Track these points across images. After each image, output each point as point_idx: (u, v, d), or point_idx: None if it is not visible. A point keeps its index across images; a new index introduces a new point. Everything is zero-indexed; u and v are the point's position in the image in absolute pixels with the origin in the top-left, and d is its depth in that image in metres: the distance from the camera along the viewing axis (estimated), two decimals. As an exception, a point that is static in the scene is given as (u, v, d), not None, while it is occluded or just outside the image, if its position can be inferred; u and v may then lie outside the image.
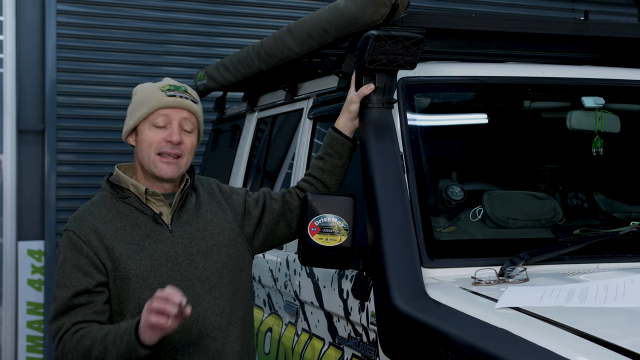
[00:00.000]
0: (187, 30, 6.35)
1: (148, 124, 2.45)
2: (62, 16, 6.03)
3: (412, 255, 2.52)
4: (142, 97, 2.48)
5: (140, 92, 2.51)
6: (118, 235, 2.40)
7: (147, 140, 2.45)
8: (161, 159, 2.45)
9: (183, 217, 2.50)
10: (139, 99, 2.49)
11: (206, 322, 2.44)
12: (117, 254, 2.37)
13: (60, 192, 6.03)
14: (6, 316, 5.99)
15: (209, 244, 2.50)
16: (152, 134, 2.45)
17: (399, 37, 2.61)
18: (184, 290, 2.39)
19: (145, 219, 2.44)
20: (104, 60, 6.15)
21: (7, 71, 5.96)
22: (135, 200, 2.46)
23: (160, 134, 2.45)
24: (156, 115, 2.45)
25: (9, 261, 5.97)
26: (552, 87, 3.16)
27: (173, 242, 2.44)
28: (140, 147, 2.47)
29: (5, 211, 5.96)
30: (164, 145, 2.44)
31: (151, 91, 2.48)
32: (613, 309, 2.14)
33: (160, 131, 2.45)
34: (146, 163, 2.46)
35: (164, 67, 6.28)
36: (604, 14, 7.34)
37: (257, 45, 3.95)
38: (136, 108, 2.48)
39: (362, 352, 2.73)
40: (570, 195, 3.06)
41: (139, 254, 2.39)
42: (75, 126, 6.10)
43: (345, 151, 2.76)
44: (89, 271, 2.35)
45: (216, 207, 2.60)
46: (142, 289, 2.37)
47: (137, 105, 2.49)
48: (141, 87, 2.54)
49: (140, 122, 2.47)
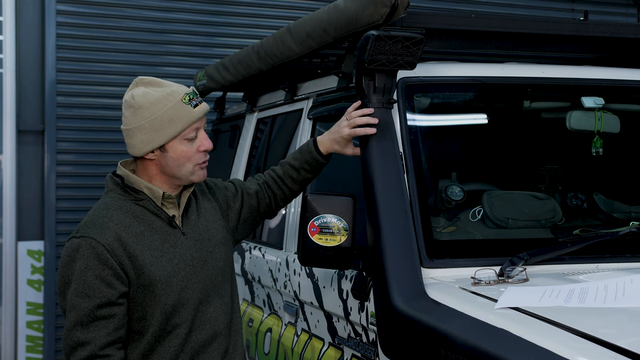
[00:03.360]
0: (187, 30, 6.35)
1: (180, 139, 2.41)
2: (62, 16, 6.03)
3: (412, 256, 2.52)
4: (169, 114, 2.38)
5: (154, 106, 2.38)
6: (139, 242, 2.37)
7: (183, 156, 2.41)
8: (199, 167, 2.46)
9: (191, 219, 2.50)
10: (164, 116, 2.37)
11: (218, 322, 2.48)
12: (141, 261, 2.35)
13: (60, 192, 6.03)
14: (6, 316, 5.99)
15: (212, 244, 2.52)
16: (187, 149, 2.41)
17: (398, 37, 2.61)
18: (201, 292, 2.45)
19: (161, 223, 2.43)
20: (104, 60, 6.15)
21: (6, 71, 5.96)
22: (149, 204, 2.42)
23: (194, 146, 2.43)
24: (189, 131, 2.41)
25: (9, 261, 5.97)
26: (552, 87, 3.16)
27: (187, 245, 2.45)
28: (172, 162, 2.41)
29: (5, 211, 5.96)
30: (201, 156, 2.45)
31: (175, 106, 2.39)
32: (613, 309, 2.14)
33: (192, 143, 2.43)
34: (180, 174, 2.43)
35: (164, 67, 6.28)
36: (604, 14, 7.34)
37: (257, 45, 3.95)
38: (162, 126, 2.37)
39: (361, 352, 2.73)
40: (570, 195, 3.06)
41: (160, 259, 2.38)
42: (75, 126, 6.10)
43: (320, 169, 2.80)
44: (112, 282, 2.31)
45: (209, 204, 2.61)
46: (167, 294, 2.37)
47: (163, 122, 2.37)
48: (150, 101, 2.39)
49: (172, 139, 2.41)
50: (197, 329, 2.43)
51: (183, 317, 2.40)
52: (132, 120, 2.40)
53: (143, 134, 2.38)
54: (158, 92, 2.40)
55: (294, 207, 3.46)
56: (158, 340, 2.38)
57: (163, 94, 2.39)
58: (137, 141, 2.40)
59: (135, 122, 2.39)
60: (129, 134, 2.42)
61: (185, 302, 2.41)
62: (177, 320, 2.39)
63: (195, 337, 2.43)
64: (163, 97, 2.39)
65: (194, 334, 2.42)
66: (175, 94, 2.40)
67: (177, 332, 2.40)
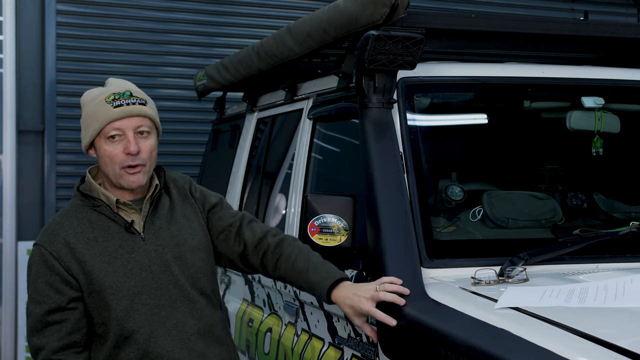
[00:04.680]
0: (187, 30, 6.35)
1: (103, 138, 2.40)
2: (62, 16, 6.03)
3: (412, 256, 2.52)
4: (91, 111, 2.41)
5: (88, 104, 2.43)
6: (90, 248, 2.39)
7: (107, 156, 2.41)
8: (127, 171, 2.41)
9: (156, 224, 2.48)
10: (87, 113, 2.42)
11: (186, 326, 2.44)
12: (90, 267, 2.37)
13: (60, 193, 6.03)
14: (6, 316, 5.99)
15: (182, 249, 2.49)
16: (111, 149, 2.40)
17: (398, 37, 2.61)
18: (160, 297, 2.42)
19: (117, 228, 2.43)
20: (104, 60, 6.15)
21: (6, 71, 5.96)
22: (106, 209, 2.43)
23: (118, 147, 2.39)
24: (108, 130, 2.39)
25: (9, 261, 5.97)
26: (552, 87, 3.16)
27: (146, 250, 2.43)
28: (102, 161, 2.43)
29: (5, 211, 5.97)
30: (126, 159, 2.39)
31: (97, 104, 2.40)
32: (613, 309, 2.14)
33: (117, 144, 2.40)
34: (112, 176, 2.43)
35: (164, 67, 6.28)
36: (604, 14, 7.34)
37: (257, 45, 3.95)
38: (87, 124, 2.42)
39: (361, 352, 2.73)
40: (570, 195, 3.06)
41: (111, 265, 2.38)
42: (75, 126, 6.05)
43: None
44: (61, 288, 2.35)
45: (190, 209, 2.58)
46: (117, 299, 2.37)
47: (87, 120, 2.42)
48: (87, 99, 2.46)
49: (95, 138, 2.42)
50: (160, 334, 2.40)
51: (138, 323, 2.39)
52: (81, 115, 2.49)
53: (82, 129, 2.47)
54: (98, 90, 2.46)
55: (294, 207, 3.46)
56: (118, 345, 2.39)
57: (98, 93, 2.44)
58: (81, 136, 2.48)
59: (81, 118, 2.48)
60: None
61: (139, 307, 2.39)
62: (132, 326, 2.38)
63: (160, 343, 2.40)
64: (95, 96, 2.44)
65: (157, 340, 2.39)
66: (105, 93, 2.43)
67: (135, 337, 2.38)
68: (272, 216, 3.83)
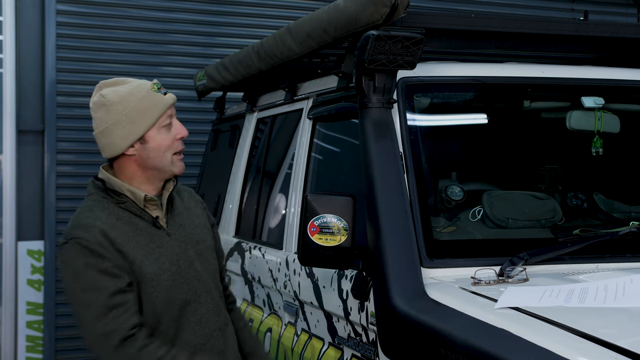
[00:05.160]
0: (187, 30, 6.35)
1: (157, 128, 2.41)
2: (62, 16, 6.02)
3: (412, 256, 2.52)
4: (140, 104, 2.39)
5: (129, 100, 2.40)
6: (125, 240, 2.37)
7: (162, 145, 2.42)
8: (178, 157, 2.46)
9: (176, 220, 2.51)
10: (138, 107, 2.39)
11: (210, 322, 2.47)
12: (131, 257, 2.35)
13: (60, 192, 6.03)
14: (6, 316, 5.99)
15: (202, 247, 2.53)
16: (164, 137, 2.42)
17: (398, 37, 2.61)
18: (188, 292, 2.43)
19: (145, 224, 2.43)
20: (104, 60, 6.15)
21: (6, 71, 5.96)
22: (132, 206, 2.43)
23: (170, 134, 2.44)
24: (164, 118, 2.43)
25: (9, 261, 5.97)
26: (552, 87, 3.16)
27: (172, 245, 2.45)
28: (153, 154, 2.42)
29: (5, 211, 5.96)
30: (178, 144, 2.46)
31: (146, 96, 2.41)
32: (613, 309, 2.14)
33: (169, 131, 2.44)
34: (162, 166, 2.43)
35: (164, 67, 6.28)
36: (604, 14, 7.34)
37: (257, 45, 3.95)
38: (138, 117, 2.39)
39: (361, 352, 2.73)
40: (570, 195, 3.06)
41: (147, 258, 2.39)
42: (75, 126, 6.09)
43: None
44: (115, 272, 2.31)
45: (200, 212, 2.63)
46: (157, 291, 2.38)
47: (138, 113, 2.39)
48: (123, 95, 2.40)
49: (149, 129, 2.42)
50: (186, 329, 2.42)
51: (171, 316, 2.40)
52: (107, 117, 2.40)
53: (121, 129, 2.39)
54: (125, 87, 2.43)
55: (294, 207, 3.46)
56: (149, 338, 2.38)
57: (131, 88, 2.42)
58: (116, 137, 2.39)
59: (110, 119, 2.39)
60: (105, 134, 2.42)
61: (172, 301, 2.40)
62: (165, 319, 2.39)
63: (186, 338, 2.41)
64: (133, 90, 2.42)
65: (183, 335, 2.41)
66: (143, 85, 2.44)
67: (164, 331, 2.39)
68: (272, 216, 3.83)
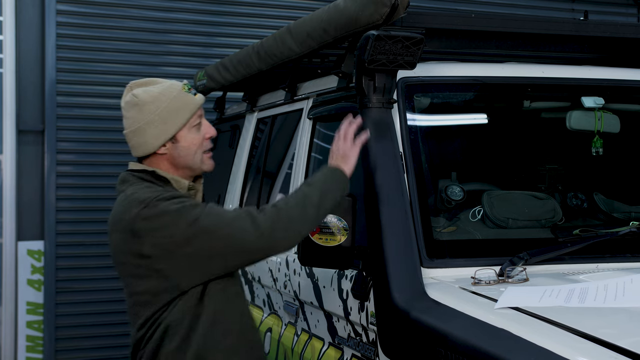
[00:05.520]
0: (187, 30, 6.35)
1: (188, 127, 2.47)
2: (62, 16, 6.02)
3: (412, 255, 2.52)
4: (172, 104, 2.44)
5: (161, 100, 2.44)
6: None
7: (193, 144, 2.48)
8: (206, 155, 2.53)
9: None
10: (168, 106, 2.43)
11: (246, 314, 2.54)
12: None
13: (60, 192, 6.03)
14: (6, 316, 5.99)
15: None
16: (195, 136, 2.49)
17: (398, 37, 2.61)
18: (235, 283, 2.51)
19: None
20: (104, 60, 6.15)
21: (7, 71, 5.96)
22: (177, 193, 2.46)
23: (200, 134, 2.50)
24: (195, 118, 2.49)
25: (9, 261, 5.97)
26: (552, 87, 3.16)
27: None
28: (184, 152, 2.47)
29: (5, 211, 5.96)
30: (207, 143, 2.53)
31: (178, 96, 2.46)
32: (613, 309, 2.14)
33: (198, 131, 2.50)
34: (193, 164, 2.49)
35: (164, 67, 6.28)
36: (604, 14, 7.33)
37: (257, 45, 3.94)
38: (170, 117, 2.43)
39: (361, 352, 2.73)
40: (570, 195, 3.06)
41: None
42: (75, 126, 6.09)
43: None
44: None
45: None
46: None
47: (171, 113, 2.43)
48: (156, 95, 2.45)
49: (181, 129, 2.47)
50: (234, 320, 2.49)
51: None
52: (139, 117, 2.44)
53: (153, 128, 2.43)
54: (157, 87, 2.47)
55: (294, 207, 3.46)
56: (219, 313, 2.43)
57: (163, 88, 2.47)
58: (149, 136, 2.43)
59: (143, 119, 2.43)
60: (137, 133, 2.45)
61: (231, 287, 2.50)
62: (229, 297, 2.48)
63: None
64: (164, 90, 2.46)
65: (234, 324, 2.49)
66: (174, 85, 2.49)
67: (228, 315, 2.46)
68: (272, 216, 3.83)
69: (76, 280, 6.02)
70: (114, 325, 6.07)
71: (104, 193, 6.07)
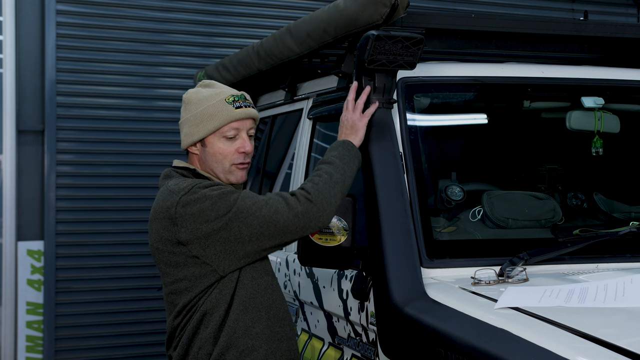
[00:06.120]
0: (186, 30, 6.35)
1: (218, 136, 2.53)
2: (62, 16, 6.02)
3: (412, 256, 2.52)
4: (209, 109, 2.52)
5: (202, 103, 2.54)
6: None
7: (220, 153, 2.54)
8: (237, 167, 2.55)
9: None
10: (204, 111, 2.53)
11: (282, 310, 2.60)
12: None
13: (60, 192, 6.03)
14: (5, 316, 5.99)
15: None
16: (225, 146, 2.54)
17: (398, 37, 2.61)
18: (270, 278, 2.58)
19: None
20: (104, 60, 6.15)
21: (6, 71, 5.96)
22: None
23: (232, 146, 2.54)
24: (227, 129, 2.53)
25: (9, 261, 5.97)
26: (552, 87, 3.16)
27: None
28: (212, 158, 2.55)
29: (4, 211, 5.96)
30: (238, 156, 2.55)
31: (217, 104, 2.53)
32: (613, 309, 2.14)
33: (230, 142, 2.54)
34: (220, 171, 2.55)
35: (164, 67, 6.28)
36: (604, 14, 7.33)
37: (257, 45, 3.94)
38: (203, 121, 2.53)
39: (361, 352, 2.73)
40: (570, 195, 3.06)
41: None
42: (75, 126, 6.09)
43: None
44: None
45: None
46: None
47: (203, 117, 2.53)
48: (198, 98, 2.56)
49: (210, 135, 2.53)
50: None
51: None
52: (183, 114, 2.60)
53: (187, 127, 2.56)
54: (208, 91, 2.57)
55: (294, 207, 3.46)
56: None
57: (211, 93, 2.56)
58: (183, 133, 2.58)
59: (184, 116, 2.59)
60: (180, 126, 2.61)
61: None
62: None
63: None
64: (210, 96, 2.55)
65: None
66: (221, 94, 2.56)
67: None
68: (272, 216, 3.83)
69: (76, 280, 6.02)
70: (114, 325, 6.08)
71: (104, 193, 6.07)
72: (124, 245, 6.06)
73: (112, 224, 6.04)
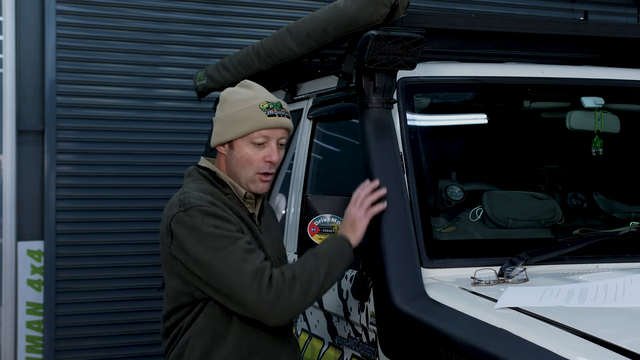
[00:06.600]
0: (186, 31, 6.35)
1: (247, 141, 2.47)
2: (62, 16, 6.02)
3: (412, 256, 2.52)
4: (241, 112, 2.47)
5: (236, 104, 2.49)
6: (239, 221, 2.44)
7: (246, 159, 2.48)
8: (260, 177, 2.49)
9: (265, 221, 2.60)
10: (238, 114, 2.47)
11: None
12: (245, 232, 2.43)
13: (60, 192, 6.03)
14: (6, 316, 5.99)
15: (281, 253, 2.63)
16: (252, 153, 2.47)
17: (398, 37, 2.61)
18: None
19: (245, 216, 2.49)
20: (104, 60, 6.15)
21: (6, 71, 5.96)
22: (234, 198, 2.50)
23: (260, 153, 2.48)
24: (256, 135, 2.47)
25: (9, 261, 5.97)
26: (552, 87, 3.16)
27: (266, 243, 2.52)
28: (238, 162, 2.49)
29: (4, 211, 5.96)
30: (264, 165, 2.48)
31: (250, 108, 2.47)
32: (613, 309, 2.14)
33: (258, 150, 2.48)
34: (242, 177, 2.50)
35: (164, 67, 6.28)
36: (604, 14, 7.34)
37: (257, 45, 3.94)
38: (234, 123, 2.47)
39: (361, 352, 2.73)
40: (570, 195, 3.06)
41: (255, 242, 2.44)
42: (75, 126, 6.09)
43: None
44: (244, 229, 2.41)
45: (276, 222, 2.73)
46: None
47: (235, 120, 2.47)
48: (234, 99, 2.51)
49: (238, 139, 2.48)
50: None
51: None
52: (218, 111, 2.55)
53: (218, 126, 2.52)
54: (246, 93, 2.52)
55: (293, 207, 3.46)
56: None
57: (248, 96, 2.51)
58: (214, 132, 2.54)
59: (218, 114, 2.54)
60: (214, 123, 2.56)
61: None
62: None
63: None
64: (246, 98, 2.50)
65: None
66: (257, 98, 2.50)
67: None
68: (272, 216, 3.83)
69: (76, 280, 6.02)
70: (114, 325, 6.08)
71: (104, 193, 6.07)
72: (124, 246, 6.06)
73: (112, 224, 6.04)
